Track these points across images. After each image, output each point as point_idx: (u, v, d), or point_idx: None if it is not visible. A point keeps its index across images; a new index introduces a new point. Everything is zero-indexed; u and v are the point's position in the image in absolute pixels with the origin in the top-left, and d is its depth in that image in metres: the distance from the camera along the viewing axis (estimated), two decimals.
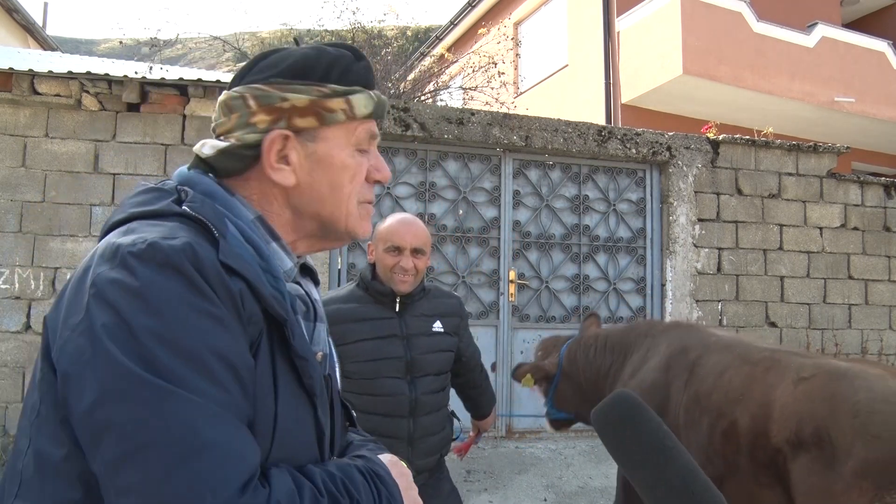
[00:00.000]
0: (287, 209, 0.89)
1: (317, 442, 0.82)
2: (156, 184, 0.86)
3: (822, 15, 9.86)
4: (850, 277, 6.02)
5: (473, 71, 8.91)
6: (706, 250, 5.60)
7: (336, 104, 0.88)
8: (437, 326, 2.24)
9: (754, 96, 8.72)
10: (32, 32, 11.65)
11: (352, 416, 0.99)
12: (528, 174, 5.40)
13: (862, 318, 6.02)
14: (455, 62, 9.49)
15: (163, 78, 4.59)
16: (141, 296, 0.67)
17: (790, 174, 5.94)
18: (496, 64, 8.65)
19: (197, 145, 0.90)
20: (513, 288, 5.26)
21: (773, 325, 5.73)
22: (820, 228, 5.97)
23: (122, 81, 4.46)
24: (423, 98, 8.30)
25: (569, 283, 5.42)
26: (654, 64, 8.70)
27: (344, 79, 0.89)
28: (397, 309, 2.20)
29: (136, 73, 4.78)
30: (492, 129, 5.19)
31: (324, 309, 2.08)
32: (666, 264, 5.51)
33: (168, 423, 0.63)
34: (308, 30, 10.20)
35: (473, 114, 5.22)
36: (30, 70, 4.34)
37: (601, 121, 9.06)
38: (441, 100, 8.84)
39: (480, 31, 9.66)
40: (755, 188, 5.80)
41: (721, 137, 5.78)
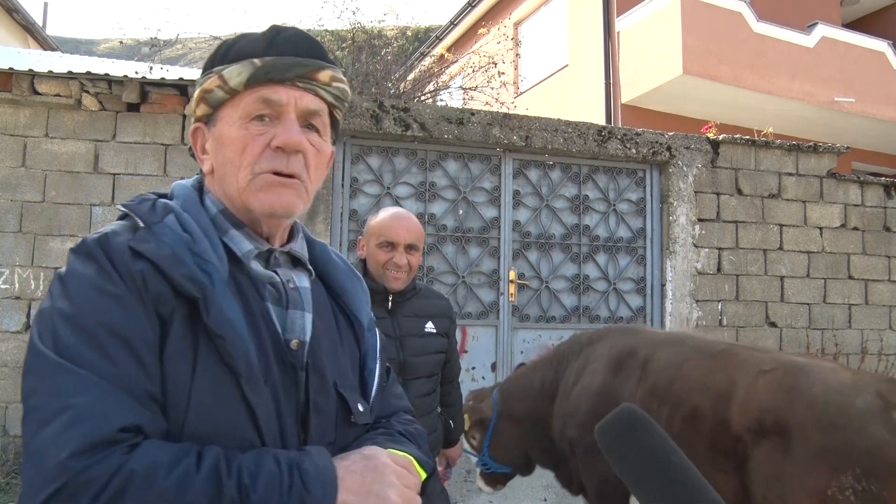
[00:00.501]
0: (221, 194, 0.93)
1: (251, 423, 0.80)
2: (150, 193, 0.94)
3: (822, 15, 9.86)
4: (850, 277, 6.02)
5: (473, 71, 8.91)
6: (706, 250, 5.60)
7: (211, 83, 0.90)
8: (430, 327, 2.19)
9: (754, 96, 8.72)
10: (32, 32, 11.66)
11: (351, 410, 0.95)
12: (528, 174, 5.40)
13: (862, 318, 6.02)
14: (455, 62, 9.48)
15: (163, 78, 4.59)
16: (63, 283, 0.78)
17: (790, 174, 5.94)
18: (496, 64, 8.65)
19: None
20: (513, 288, 5.26)
21: (773, 325, 5.73)
22: (820, 228, 5.96)
23: (122, 81, 4.46)
24: (423, 98, 8.30)
25: (569, 283, 5.42)
26: (654, 64, 8.70)
27: (223, 58, 0.91)
28: (389, 308, 2.12)
29: (136, 73, 4.79)
30: (492, 129, 5.19)
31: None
32: (666, 264, 5.51)
33: (48, 392, 0.71)
34: (308, 30, 10.19)
35: (473, 114, 5.22)
36: (30, 70, 4.34)
37: (601, 121, 9.06)
38: (441, 100, 8.84)
39: (480, 31, 9.66)
40: (755, 188, 5.80)
41: (721, 137, 5.78)
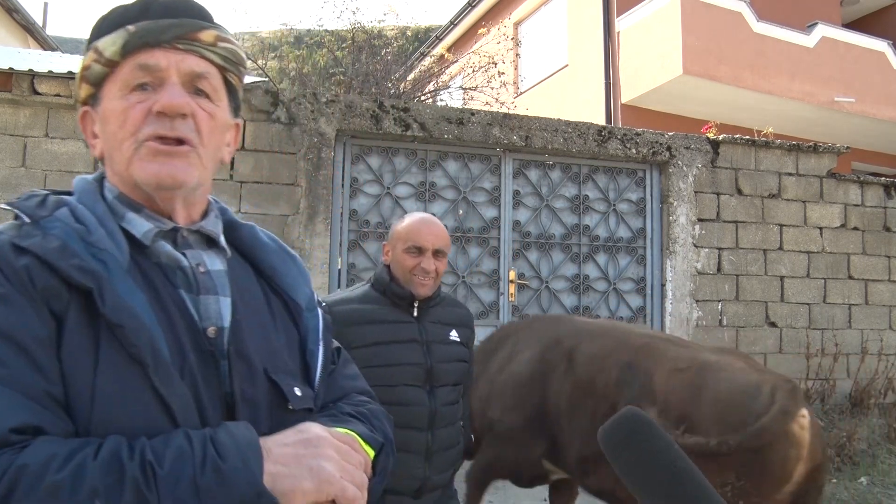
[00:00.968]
0: (115, 177, 0.88)
1: (167, 418, 0.74)
2: (39, 189, 0.91)
3: (822, 15, 9.86)
4: (850, 277, 6.02)
5: (473, 71, 8.91)
6: (706, 250, 5.60)
7: (88, 59, 0.86)
8: (454, 336, 2.14)
9: (754, 96, 8.72)
10: (32, 32, 11.65)
11: (286, 397, 0.88)
12: (528, 174, 5.40)
13: (862, 318, 6.02)
14: (455, 62, 9.49)
15: None
16: None
17: (790, 174, 5.94)
18: (496, 64, 8.66)
19: None
20: (513, 288, 5.26)
21: (773, 325, 5.73)
22: (820, 228, 5.96)
23: None
24: (423, 98, 8.30)
25: (569, 283, 5.42)
26: (654, 64, 8.70)
27: (97, 31, 0.87)
28: (415, 314, 2.08)
29: None
30: (492, 129, 5.19)
31: (339, 309, 1.87)
32: (666, 264, 5.51)
33: None
34: (308, 30, 10.20)
35: (473, 114, 5.22)
36: (30, 70, 4.34)
37: (601, 121, 9.05)
38: (441, 100, 8.85)
39: (480, 31, 9.67)
40: (755, 188, 5.80)
41: (721, 137, 5.78)
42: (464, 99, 9.03)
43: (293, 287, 1.00)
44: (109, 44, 0.84)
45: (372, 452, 0.88)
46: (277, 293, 0.98)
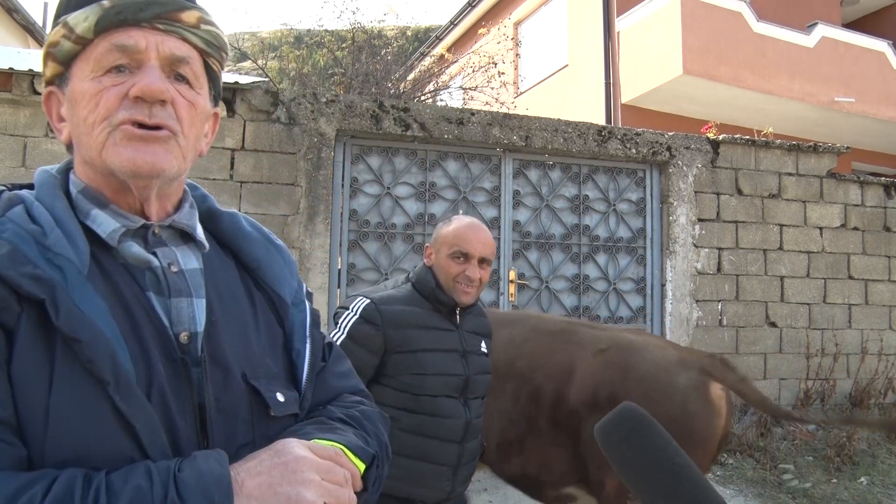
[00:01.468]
0: (83, 165, 0.81)
1: (130, 438, 0.68)
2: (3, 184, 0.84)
3: (822, 15, 9.86)
4: (850, 277, 6.02)
5: (473, 71, 8.92)
6: (706, 250, 5.60)
7: (55, 35, 0.78)
8: (483, 347, 2.09)
9: (754, 96, 8.72)
10: (32, 32, 11.65)
11: (267, 403, 0.82)
12: (528, 174, 5.40)
13: (862, 318, 6.02)
14: (455, 62, 9.50)
15: None
16: None
17: (790, 174, 5.94)
18: (496, 64, 8.66)
19: None
20: (513, 288, 5.26)
21: (773, 325, 5.73)
22: (820, 228, 5.96)
23: None
24: (423, 98, 8.31)
25: (569, 283, 5.42)
26: (654, 64, 8.70)
27: (67, 5, 0.79)
28: (457, 322, 2.01)
29: None
30: (492, 129, 5.19)
31: (386, 309, 1.85)
32: (666, 264, 5.51)
33: None
34: (308, 30, 10.21)
35: (473, 114, 5.22)
36: (30, 70, 4.34)
37: (601, 121, 9.06)
38: (441, 100, 8.85)
39: (480, 31, 9.68)
40: (755, 188, 5.80)
41: (721, 137, 5.78)
42: (464, 99, 9.03)
43: (278, 281, 0.93)
44: (81, 19, 0.76)
45: (362, 466, 0.81)
46: (261, 288, 0.92)
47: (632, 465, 0.67)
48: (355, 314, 1.87)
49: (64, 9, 0.79)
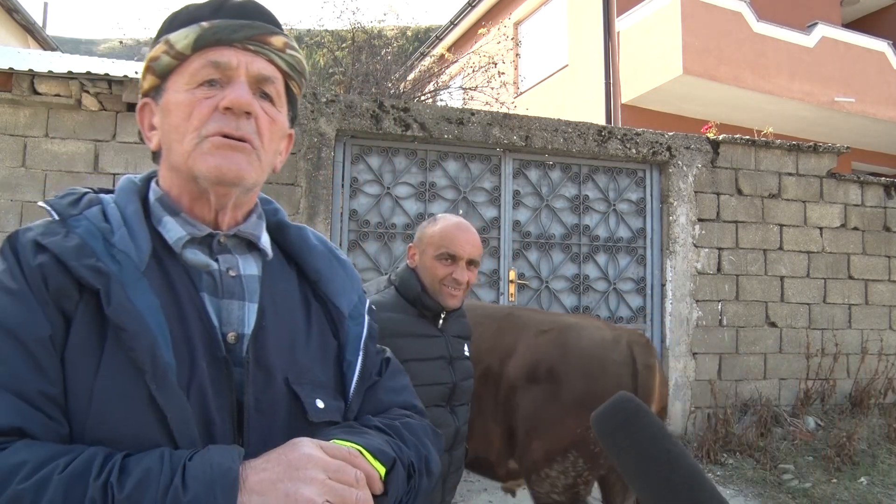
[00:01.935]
0: (168, 172, 0.88)
1: (161, 426, 0.72)
2: (84, 187, 0.91)
3: (822, 15, 9.86)
4: (850, 277, 6.02)
5: (473, 71, 8.92)
6: (706, 250, 5.60)
7: (157, 50, 0.86)
8: (466, 350, 2.03)
9: (754, 96, 8.72)
10: (32, 32, 11.65)
11: (306, 410, 0.84)
12: (528, 174, 5.40)
13: (862, 318, 6.02)
14: (455, 62, 9.49)
15: None
16: None
17: (790, 174, 5.94)
18: (496, 64, 8.66)
19: None
20: (513, 288, 5.26)
21: (773, 325, 5.73)
22: (820, 228, 5.96)
23: (122, 81, 4.46)
24: (423, 98, 8.30)
25: (569, 283, 5.42)
26: (654, 64, 8.70)
27: (169, 25, 0.87)
28: (441, 326, 1.95)
29: (136, 73, 4.78)
30: (492, 129, 5.19)
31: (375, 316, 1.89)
32: (666, 264, 5.51)
33: None
34: (308, 30, 10.21)
35: (473, 114, 5.22)
36: (30, 70, 4.34)
37: (601, 121, 9.06)
38: (441, 100, 8.85)
39: (480, 31, 9.67)
40: (755, 188, 5.80)
41: (721, 137, 5.78)
42: (464, 99, 9.03)
43: (338, 293, 0.96)
44: (182, 37, 0.84)
45: (383, 469, 0.80)
46: (320, 299, 0.96)
47: (627, 454, 0.67)
48: None
49: (167, 29, 0.88)
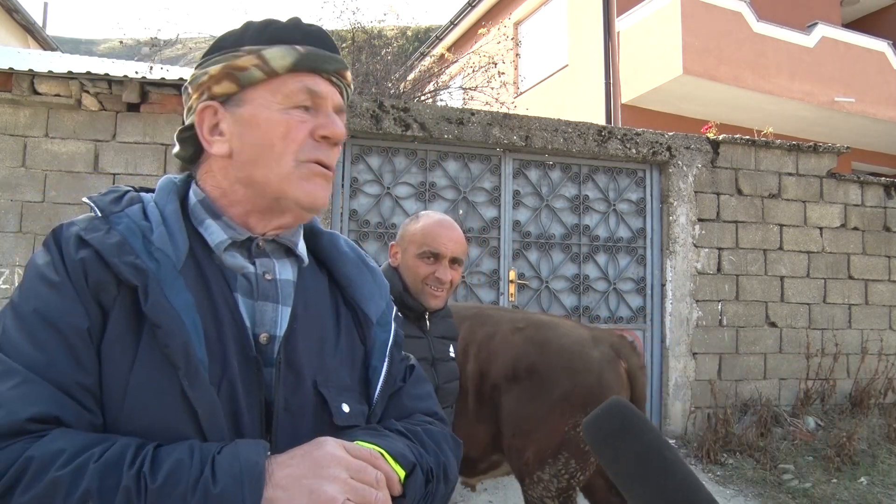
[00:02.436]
0: (228, 179, 0.89)
1: (192, 421, 0.75)
2: (127, 185, 0.93)
3: (822, 15, 9.86)
4: (850, 277, 6.01)
5: (473, 71, 8.91)
6: (706, 250, 5.60)
7: (246, 62, 0.86)
8: (451, 351, 1.98)
9: (754, 96, 8.72)
10: (32, 32, 11.66)
11: (332, 413, 0.86)
12: (528, 174, 5.40)
13: (862, 318, 6.02)
14: (455, 62, 9.48)
15: (163, 78, 4.59)
16: (24, 273, 0.81)
17: (790, 174, 5.94)
18: (496, 64, 8.65)
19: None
20: (513, 288, 5.26)
21: (773, 325, 5.73)
22: (820, 228, 5.96)
23: (122, 81, 4.46)
24: (423, 98, 8.30)
25: (569, 283, 5.42)
26: (654, 64, 8.70)
27: (258, 38, 0.88)
28: (426, 328, 1.89)
29: (136, 73, 4.79)
30: (492, 129, 5.19)
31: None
32: (666, 264, 5.51)
33: None
34: None
35: (473, 114, 5.22)
36: (30, 70, 4.34)
37: (601, 121, 9.06)
38: (441, 100, 8.84)
39: (480, 32, 9.66)
40: (755, 188, 5.80)
41: (721, 137, 5.78)
42: (464, 99, 9.02)
43: (366, 300, 0.99)
44: (278, 56, 0.86)
45: (402, 472, 0.82)
46: (350, 305, 0.98)
47: (621, 461, 0.66)
48: None
49: (254, 39, 0.88)
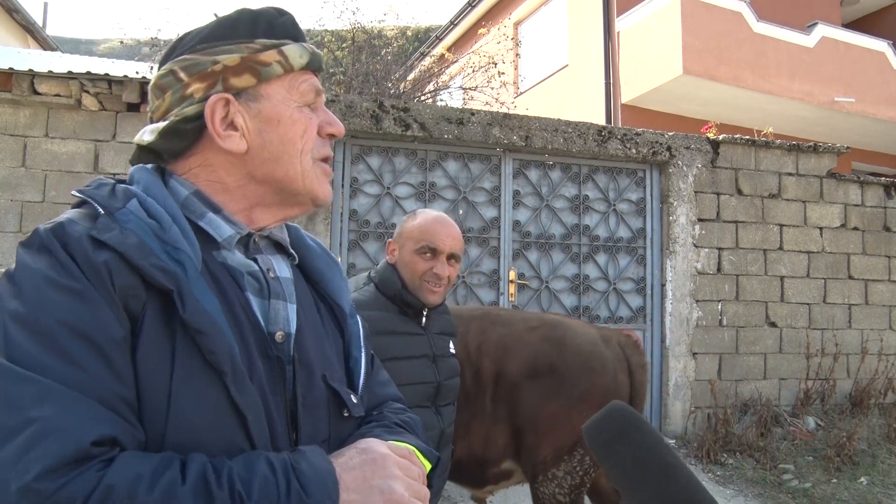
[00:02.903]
0: (237, 175, 0.85)
1: (241, 428, 0.73)
2: (106, 177, 0.85)
3: (822, 15, 9.86)
4: (850, 277, 6.01)
5: (473, 71, 8.91)
6: (706, 250, 5.60)
7: (269, 56, 0.85)
8: (451, 348, 1.98)
9: (754, 96, 8.72)
10: (32, 32, 11.65)
11: (345, 404, 0.88)
12: (528, 174, 5.40)
13: (862, 318, 6.02)
14: (455, 62, 9.49)
15: None
16: (13, 280, 0.70)
17: (790, 174, 5.94)
18: (496, 64, 8.65)
19: (137, 135, 0.87)
20: (513, 288, 5.26)
21: (773, 325, 5.73)
22: (820, 228, 5.96)
23: (122, 81, 4.46)
24: (423, 98, 8.30)
25: (569, 283, 5.42)
26: (654, 64, 8.70)
27: (271, 32, 0.87)
28: (424, 323, 1.90)
29: (137, 73, 4.79)
30: (492, 129, 5.19)
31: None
32: (666, 264, 5.51)
33: (3, 405, 0.62)
34: (308, 30, 10.20)
35: (473, 114, 5.22)
36: (30, 70, 4.34)
37: (601, 121, 9.06)
38: (441, 100, 8.84)
39: (480, 31, 9.67)
40: (755, 188, 5.80)
41: (721, 137, 5.78)
42: (464, 99, 9.02)
43: (338, 293, 0.99)
44: (297, 55, 0.87)
45: (428, 465, 0.87)
46: (324, 298, 0.98)
47: (622, 465, 0.66)
48: None
49: (267, 33, 0.87)
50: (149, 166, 0.86)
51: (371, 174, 5.04)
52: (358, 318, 1.01)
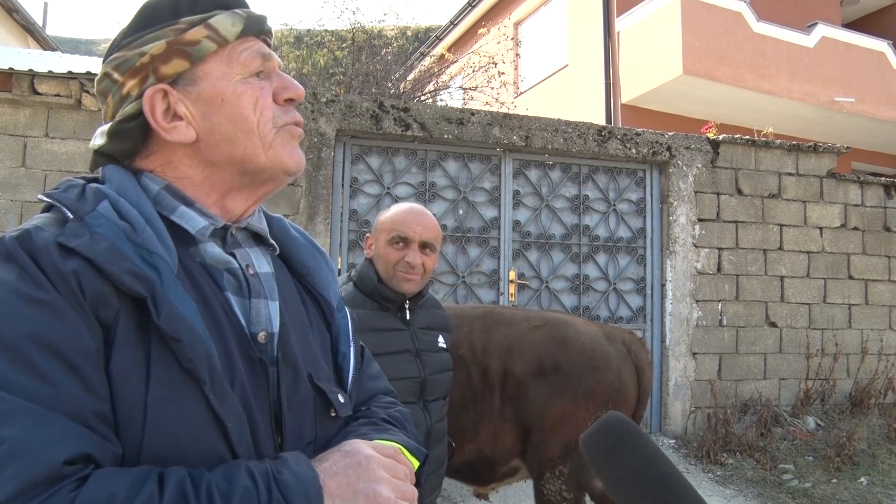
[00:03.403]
0: (199, 166, 0.81)
1: (221, 437, 0.70)
2: (77, 177, 0.81)
3: (822, 15, 9.86)
4: (850, 277, 6.01)
5: (473, 71, 8.92)
6: (706, 250, 5.60)
7: (196, 34, 0.79)
8: (441, 342, 1.98)
9: (754, 96, 8.72)
10: (32, 32, 11.65)
11: (331, 403, 0.85)
12: (528, 174, 5.40)
13: (862, 318, 6.02)
14: (455, 62, 9.49)
15: None
16: None
17: (790, 174, 5.94)
18: (496, 64, 8.66)
19: (91, 141, 0.84)
20: (513, 288, 5.26)
21: (773, 325, 5.73)
22: (820, 228, 5.96)
23: None
24: (423, 98, 8.30)
25: (569, 283, 5.42)
26: (654, 64, 8.70)
27: (196, 7, 0.81)
28: (407, 317, 1.90)
29: None
30: (492, 129, 5.19)
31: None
32: (666, 264, 5.51)
33: None
34: (308, 30, 10.22)
35: (473, 114, 5.22)
36: (30, 70, 4.34)
37: (601, 121, 9.06)
38: (441, 100, 8.85)
39: (480, 31, 9.68)
40: (755, 188, 5.80)
41: (721, 137, 5.78)
42: (464, 99, 9.03)
43: (325, 286, 0.95)
44: (229, 24, 0.80)
45: (416, 463, 0.85)
46: (310, 292, 0.94)
47: (621, 476, 0.65)
48: None
49: (191, 9, 0.81)
50: (115, 165, 0.83)
51: (371, 174, 5.04)
52: (346, 312, 0.98)
